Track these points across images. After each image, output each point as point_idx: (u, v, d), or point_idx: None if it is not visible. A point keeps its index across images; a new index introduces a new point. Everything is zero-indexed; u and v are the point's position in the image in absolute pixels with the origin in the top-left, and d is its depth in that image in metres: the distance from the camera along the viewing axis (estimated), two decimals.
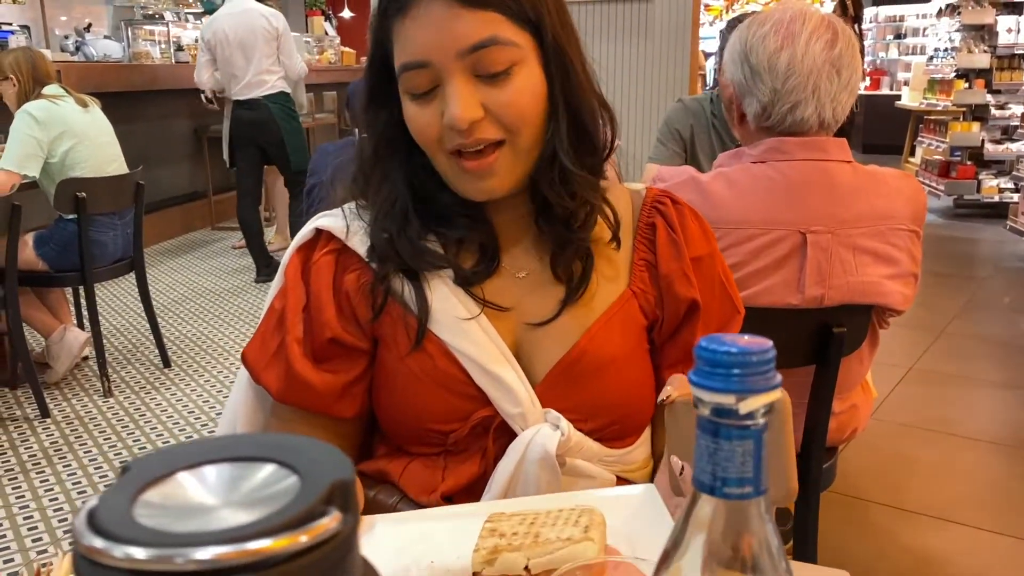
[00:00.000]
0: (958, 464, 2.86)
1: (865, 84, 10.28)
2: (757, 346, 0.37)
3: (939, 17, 8.57)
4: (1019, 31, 7.27)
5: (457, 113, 0.85)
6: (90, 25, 7.49)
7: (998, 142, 7.34)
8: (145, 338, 4.02)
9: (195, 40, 7.19)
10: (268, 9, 4.91)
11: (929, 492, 2.63)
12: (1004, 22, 7.33)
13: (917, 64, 9.59)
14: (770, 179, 1.48)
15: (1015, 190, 6.95)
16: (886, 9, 11.51)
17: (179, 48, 7.30)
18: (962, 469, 2.82)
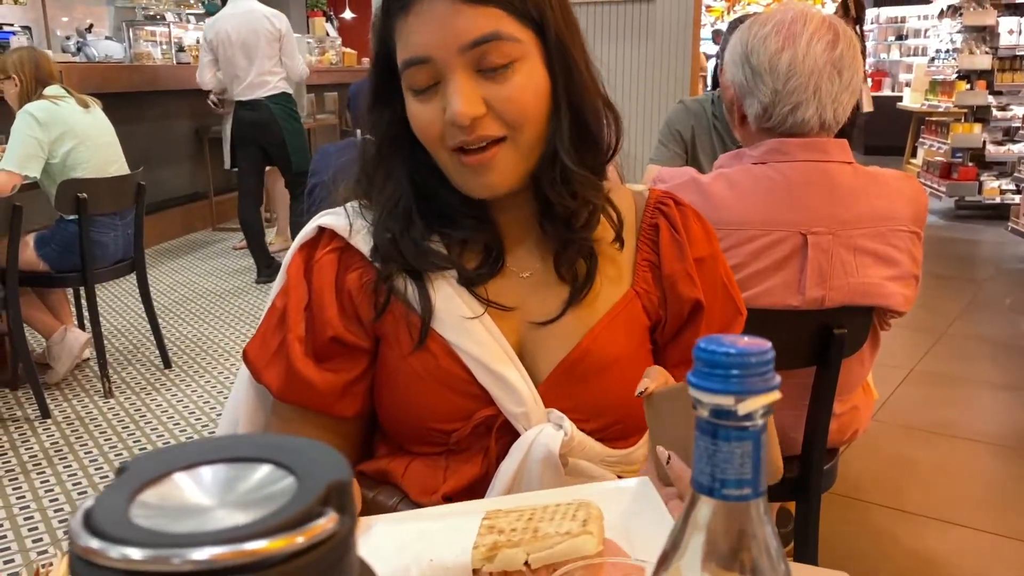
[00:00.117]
0: (959, 465, 2.85)
1: (868, 85, 10.25)
2: (756, 347, 0.37)
3: (941, 18, 8.56)
4: (1021, 32, 7.27)
5: (459, 109, 0.85)
6: (91, 26, 7.49)
7: (999, 143, 7.34)
8: (146, 339, 4.02)
9: (196, 41, 7.21)
10: (271, 10, 4.91)
11: (930, 493, 2.63)
12: (1006, 23, 7.33)
13: (919, 65, 9.59)
14: (771, 180, 1.48)
15: (1016, 191, 6.95)
16: (887, 10, 11.51)
17: (180, 49, 7.31)
18: (963, 470, 2.82)
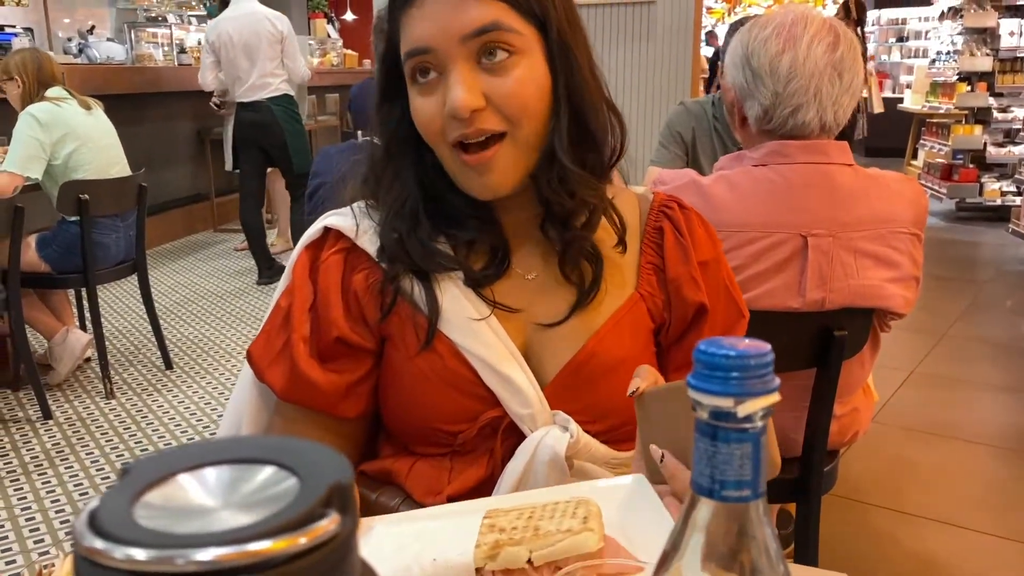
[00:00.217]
0: (960, 467, 2.85)
1: (876, 86, 10.24)
2: (755, 349, 0.37)
3: (941, 20, 8.56)
4: (1021, 34, 7.27)
5: (458, 99, 0.85)
6: (93, 27, 7.51)
7: (1000, 145, 7.34)
8: (147, 340, 4.03)
9: (198, 42, 7.22)
10: (273, 12, 4.92)
11: (931, 495, 2.63)
12: (1006, 25, 7.33)
13: (919, 67, 9.58)
14: (771, 182, 1.48)
15: (1017, 193, 6.95)
16: (888, 12, 11.51)
17: (182, 50, 7.33)
18: (964, 472, 2.82)
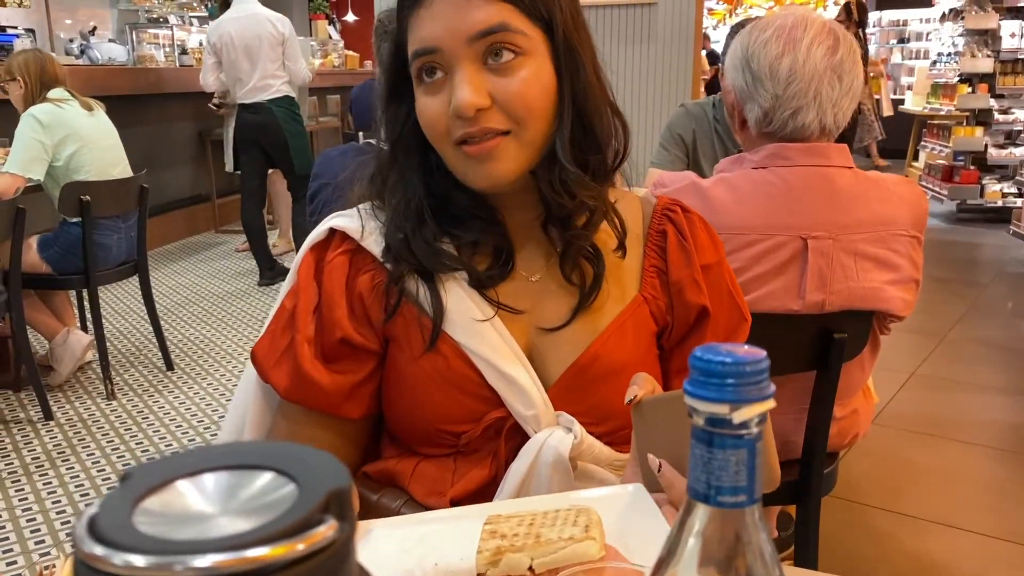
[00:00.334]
0: (960, 469, 2.85)
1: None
2: (751, 356, 0.37)
3: (942, 22, 8.57)
4: (1022, 36, 7.27)
5: (464, 98, 0.86)
6: (95, 28, 7.51)
7: (1001, 147, 7.33)
8: (148, 341, 4.03)
9: (199, 44, 7.23)
10: (274, 14, 4.92)
11: (931, 497, 2.63)
12: (1007, 27, 7.33)
13: (920, 69, 9.59)
14: (771, 184, 1.48)
15: (1018, 195, 6.95)
16: (889, 14, 11.51)
17: (183, 52, 7.33)
18: (964, 474, 2.82)
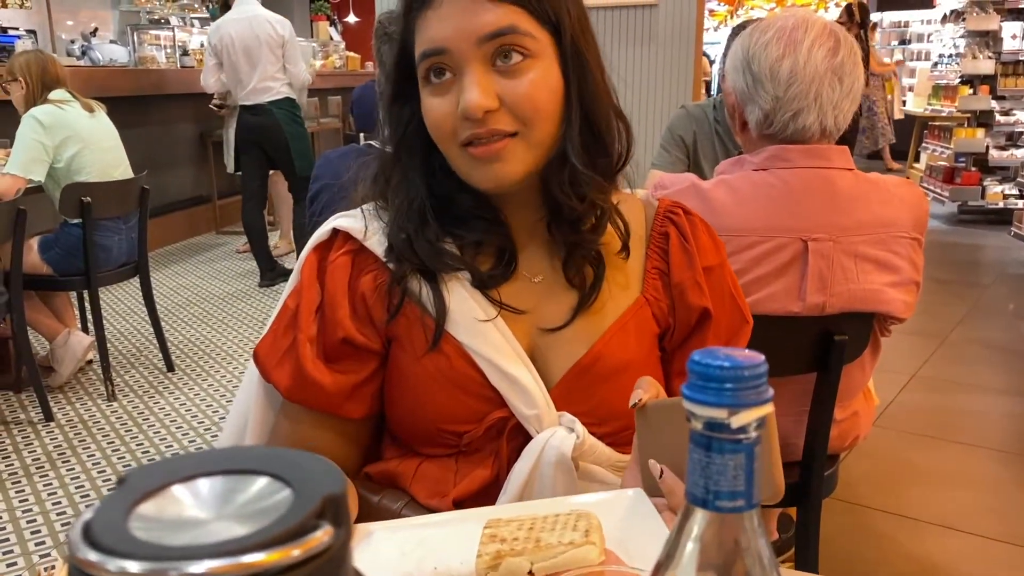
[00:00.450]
0: (961, 471, 2.85)
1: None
2: (749, 360, 0.37)
3: (944, 23, 8.56)
4: None
5: (473, 100, 0.86)
6: (96, 30, 7.51)
7: (1003, 148, 7.33)
8: (149, 342, 4.03)
9: (201, 45, 7.23)
10: (275, 16, 4.92)
11: (932, 499, 2.63)
12: (1009, 28, 7.33)
13: (922, 70, 9.59)
14: (772, 186, 1.48)
15: (1019, 196, 6.94)
16: (891, 15, 11.50)
17: (184, 53, 7.33)
18: (965, 476, 2.82)
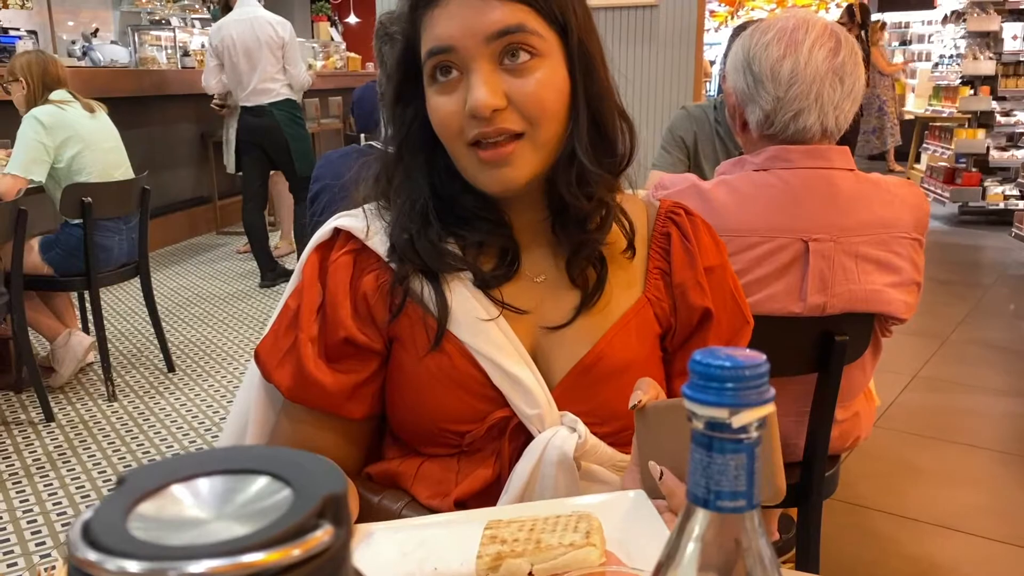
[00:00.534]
0: (962, 472, 2.85)
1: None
2: (750, 360, 0.37)
3: (944, 24, 8.56)
4: None
5: (481, 98, 0.86)
6: (97, 30, 7.52)
7: (1003, 149, 7.33)
8: (149, 342, 4.03)
9: (201, 45, 7.23)
10: (276, 17, 4.93)
11: (933, 500, 2.62)
12: (1009, 29, 7.33)
13: (922, 71, 9.59)
14: (772, 187, 1.48)
15: (1020, 197, 6.94)
16: (891, 16, 11.50)
17: (185, 53, 7.34)
18: (966, 477, 2.81)
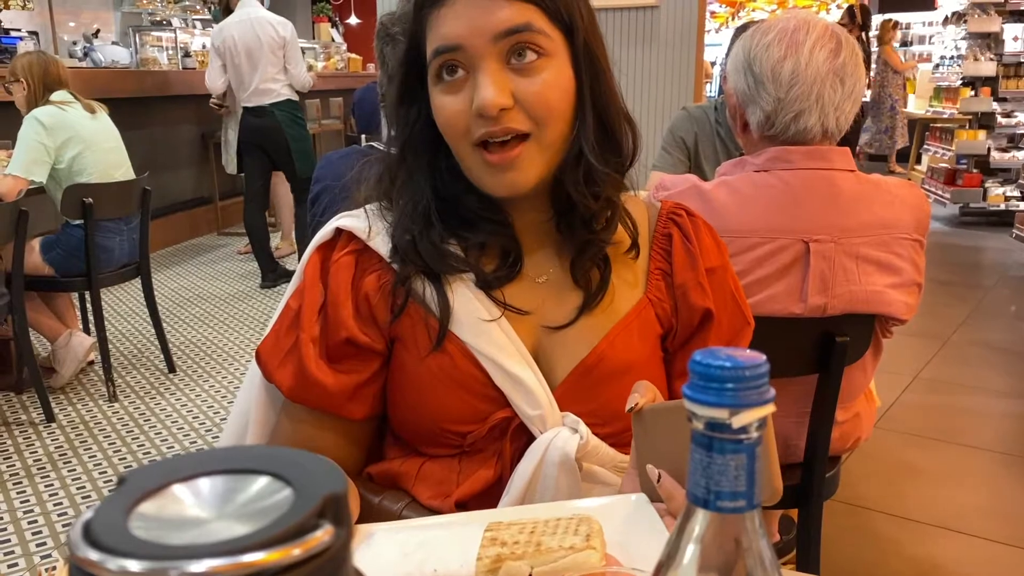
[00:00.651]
0: (963, 473, 2.85)
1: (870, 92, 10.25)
2: (750, 360, 0.37)
3: (945, 25, 8.57)
4: None
5: (489, 97, 0.86)
6: (98, 31, 7.52)
7: (1004, 150, 7.32)
8: (150, 343, 4.03)
9: (203, 46, 7.24)
10: (277, 18, 4.93)
11: (933, 501, 2.62)
12: (1010, 30, 7.32)
13: (923, 72, 9.58)
14: (773, 188, 1.48)
15: (1021, 198, 6.94)
16: (892, 17, 11.49)
17: (186, 54, 7.34)
18: (967, 478, 2.81)
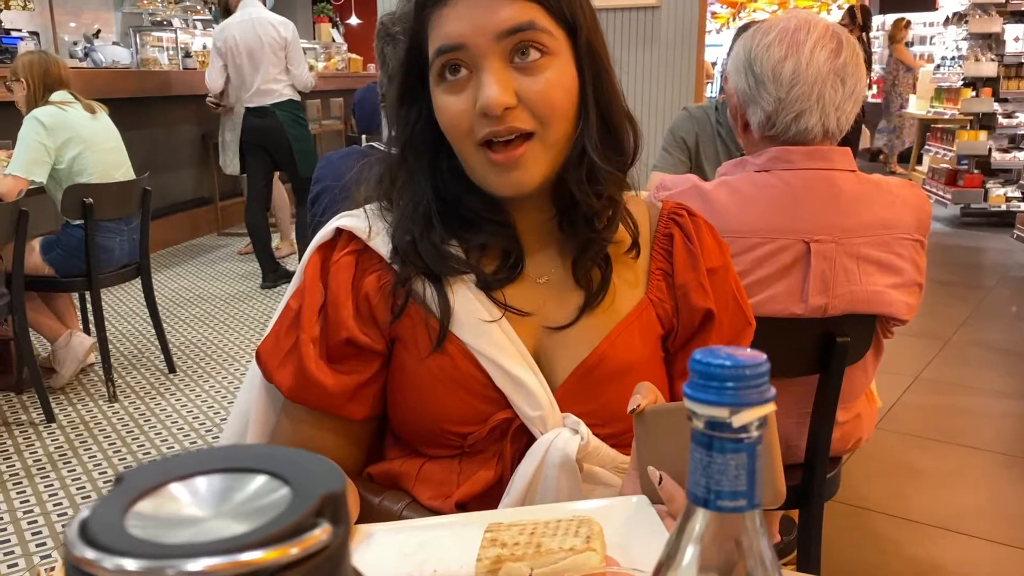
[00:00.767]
0: (963, 474, 2.84)
1: (872, 92, 10.26)
2: (750, 359, 0.37)
3: (946, 25, 8.56)
4: None
5: (493, 96, 0.85)
6: (99, 31, 7.52)
7: (1005, 151, 7.32)
8: (150, 343, 4.04)
9: (203, 47, 7.24)
10: (278, 18, 4.93)
11: (934, 502, 2.62)
12: (1011, 31, 7.32)
13: (924, 72, 9.58)
14: (773, 188, 1.48)
15: (1022, 199, 6.94)
16: (893, 17, 11.48)
17: (187, 55, 7.35)
18: (968, 479, 2.81)
